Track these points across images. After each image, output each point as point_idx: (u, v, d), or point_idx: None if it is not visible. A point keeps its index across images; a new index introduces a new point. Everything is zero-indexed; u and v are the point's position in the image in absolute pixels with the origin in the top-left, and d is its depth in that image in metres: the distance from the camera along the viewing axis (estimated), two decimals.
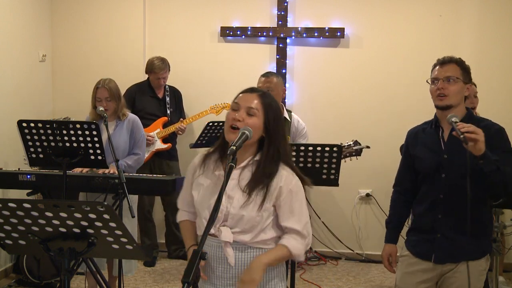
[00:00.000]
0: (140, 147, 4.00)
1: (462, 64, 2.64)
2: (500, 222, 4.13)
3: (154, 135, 5.12)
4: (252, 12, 5.55)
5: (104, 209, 1.88)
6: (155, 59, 5.16)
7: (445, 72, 2.60)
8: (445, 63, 2.63)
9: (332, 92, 5.53)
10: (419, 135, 2.74)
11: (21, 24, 5.14)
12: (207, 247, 2.10)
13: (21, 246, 2.11)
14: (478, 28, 5.31)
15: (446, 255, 2.58)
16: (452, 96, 2.57)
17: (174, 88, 5.39)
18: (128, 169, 3.87)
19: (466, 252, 2.56)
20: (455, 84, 2.58)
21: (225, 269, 2.10)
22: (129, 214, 3.32)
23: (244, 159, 2.11)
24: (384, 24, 5.45)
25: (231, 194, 2.07)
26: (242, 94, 2.14)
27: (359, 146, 4.20)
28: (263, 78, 3.98)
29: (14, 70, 5.02)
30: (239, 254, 2.09)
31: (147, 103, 5.20)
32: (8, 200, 1.91)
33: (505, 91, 5.29)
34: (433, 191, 2.61)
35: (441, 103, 2.59)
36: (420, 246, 2.66)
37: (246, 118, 2.07)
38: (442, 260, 2.59)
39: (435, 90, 2.60)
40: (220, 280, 2.11)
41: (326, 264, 5.37)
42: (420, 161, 2.68)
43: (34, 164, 3.63)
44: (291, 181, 2.10)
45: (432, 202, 2.61)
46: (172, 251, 5.42)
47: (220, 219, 2.07)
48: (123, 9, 5.66)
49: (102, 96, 3.85)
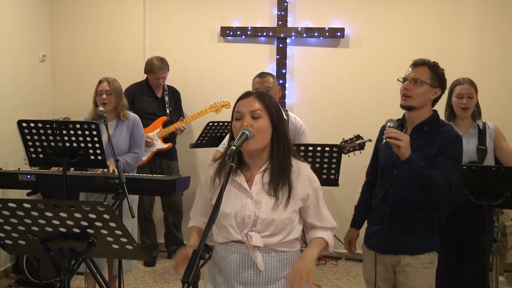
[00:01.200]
0: (139, 146, 4.01)
1: (434, 68, 2.70)
2: (500, 222, 4.13)
3: (154, 135, 5.12)
4: (252, 12, 5.55)
5: (104, 209, 1.88)
6: (154, 59, 5.16)
7: (415, 74, 2.68)
8: (417, 65, 2.71)
9: (332, 92, 5.53)
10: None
11: (21, 24, 5.14)
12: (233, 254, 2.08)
13: (21, 246, 2.11)
14: (478, 28, 5.31)
15: (386, 246, 2.67)
16: (416, 98, 2.66)
17: (173, 87, 5.40)
18: (127, 167, 3.87)
19: (406, 246, 2.65)
20: (420, 87, 2.66)
21: (254, 274, 2.08)
22: (129, 214, 3.32)
23: (263, 163, 2.12)
24: (384, 24, 5.45)
25: (257, 199, 2.07)
26: (240, 101, 2.14)
27: (361, 140, 4.19)
28: (259, 79, 3.95)
29: (14, 70, 5.02)
30: (268, 259, 2.09)
31: (146, 103, 5.20)
32: (8, 200, 1.91)
33: (505, 91, 5.29)
34: (385, 185, 2.69)
35: (404, 103, 2.69)
36: (370, 237, 2.78)
37: (253, 123, 2.07)
38: (384, 250, 2.68)
39: (401, 89, 2.70)
40: (247, 286, 2.08)
41: (326, 264, 5.37)
42: (380, 156, 2.74)
43: (34, 164, 3.63)
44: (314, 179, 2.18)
45: (383, 196, 2.71)
46: (171, 251, 5.42)
47: (248, 225, 2.06)
48: (123, 9, 5.66)
49: (103, 89, 3.88)
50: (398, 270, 2.68)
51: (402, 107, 2.71)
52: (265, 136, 2.08)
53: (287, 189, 2.08)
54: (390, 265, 2.70)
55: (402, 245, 2.65)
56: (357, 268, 5.22)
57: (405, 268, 2.64)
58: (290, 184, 2.09)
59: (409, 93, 2.65)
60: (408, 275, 2.64)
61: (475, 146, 3.51)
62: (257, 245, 2.05)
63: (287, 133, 2.18)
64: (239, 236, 2.06)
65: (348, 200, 5.55)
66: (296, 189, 2.10)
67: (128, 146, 3.95)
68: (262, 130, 2.07)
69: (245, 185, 2.09)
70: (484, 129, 3.56)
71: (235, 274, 2.09)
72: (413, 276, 2.63)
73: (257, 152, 2.10)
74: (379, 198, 2.74)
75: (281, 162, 2.09)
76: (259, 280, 2.08)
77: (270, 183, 2.08)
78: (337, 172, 3.34)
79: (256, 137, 2.05)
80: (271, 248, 2.08)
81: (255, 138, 2.05)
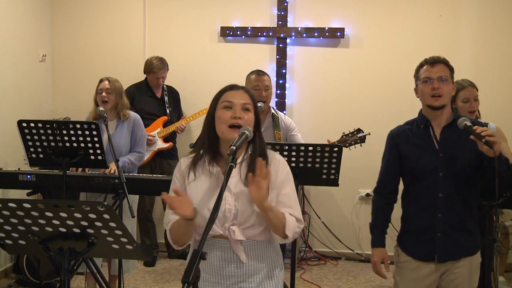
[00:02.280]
0: (141, 146, 4.02)
1: (449, 64, 2.65)
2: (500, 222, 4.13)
3: (155, 135, 5.14)
4: (252, 12, 5.55)
5: (104, 209, 1.88)
6: (153, 59, 5.17)
7: (437, 72, 2.60)
8: (435, 62, 2.63)
9: (332, 92, 5.53)
10: (407, 136, 2.70)
11: (21, 24, 5.14)
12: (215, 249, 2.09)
13: (21, 246, 2.11)
14: (478, 28, 5.31)
15: (448, 254, 2.58)
16: (446, 96, 2.58)
17: (172, 87, 5.40)
18: (131, 166, 3.89)
19: (464, 249, 2.58)
20: (448, 84, 2.59)
21: (237, 267, 2.09)
22: (129, 214, 3.32)
23: (239, 155, 2.12)
24: (384, 24, 5.45)
25: (236, 191, 2.07)
26: (228, 92, 2.15)
27: (362, 133, 4.20)
28: (256, 76, 3.94)
29: (14, 70, 5.02)
30: (250, 250, 2.09)
31: (146, 103, 5.20)
32: (8, 200, 1.91)
33: (505, 91, 5.29)
34: (431, 190, 2.59)
35: (437, 103, 2.57)
36: (419, 248, 2.64)
37: (243, 115, 2.09)
38: (444, 259, 2.59)
39: (430, 89, 2.58)
40: (231, 279, 2.10)
41: (326, 264, 5.37)
42: (413, 161, 2.65)
43: (34, 164, 3.63)
44: (286, 166, 2.17)
45: (430, 201, 2.59)
46: (172, 251, 5.42)
47: (229, 219, 2.06)
48: (123, 9, 5.66)
49: (103, 88, 3.89)
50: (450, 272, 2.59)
51: (433, 107, 2.59)
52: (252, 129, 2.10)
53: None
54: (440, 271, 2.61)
55: (461, 248, 2.57)
56: (357, 268, 5.23)
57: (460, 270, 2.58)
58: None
59: (440, 91, 2.55)
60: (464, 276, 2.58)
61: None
62: (239, 239, 2.06)
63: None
64: (220, 230, 2.07)
65: (348, 200, 5.57)
66: (273, 178, 2.09)
67: (128, 146, 3.95)
68: (251, 123, 2.10)
69: (222, 177, 2.08)
70: None
71: (219, 269, 2.10)
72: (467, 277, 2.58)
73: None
74: (425, 205, 2.60)
75: (260, 153, 2.10)
76: (241, 273, 2.09)
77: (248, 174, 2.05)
78: (337, 172, 3.33)
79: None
80: (253, 239, 2.09)
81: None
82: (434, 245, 2.59)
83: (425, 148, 2.62)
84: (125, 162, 3.83)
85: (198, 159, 2.16)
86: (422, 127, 2.65)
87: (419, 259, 2.64)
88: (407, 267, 2.67)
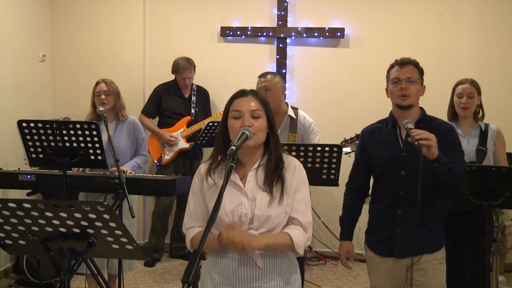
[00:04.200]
0: (145, 148, 4.10)
1: (418, 66, 2.73)
2: (500, 222, 4.13)
3: (177, 135, 5.16)
4: (252, 12, 5.55)
5: (104, 209, 1.88)
6: (180, 59, 5.22)
7: (405, 72, 2.68)
8: (404, 64, 2.71)
9: (332, 92, 5.53)
10: (375, 134, 2.80)
11: (21, 24, 5.14)
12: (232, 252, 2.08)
13: (21, 246, 2.11)
14: (478, 28, 5.31)
15: (406, 250, 2.63)
16: (413, 96, 2.67)
17: (202, 87, 5.42)
18: (138, 170, 3.95)
19: (423, 245, 2.64)
20: (415, 85, 2.67)
21: (254, 271, 2.09)
22: (129, 214, 3.32)
23: (255, 160, 2.13)
24: (384, 24, 5.45)
25: (252, 196, 2.08)
26: (237, 99, 2.14)
27: None
28: (258, 79, 3.96)
29: (14, 70, 5.02)
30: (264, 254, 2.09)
31: (173, 103, 5.25)
32: (8, 200, 1.91)
33: (505, 91, 5.28)
34: (392, 188, 2.67)
35: (404, 102, 2.66)
36: (380, 244, 2.74)
37: (253, 122, 2.08)
38: (403, 254, 2.65)
39: (398, 90, 2.67)
40: (246, 284, 2.09)
41: (326, 264, 5.37)
42: (379, 158, 2.73)
43: (34, 164, 3.63)
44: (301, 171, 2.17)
45: (391, 199, 2.68)
46: (173, 249, 5.41)
47: (245, 223, 2.06)
48: (123, 9, 5.66)
49: (101, 90, 3.91)
50: (415, 269, 2.65)
51: (401, 107, 2.69)
52: (264, 134, 2.12)
53: (280, 185, 2.09)
54: (405, 267, 2.68)
55: (421, 244, 2.62)
56: (357, 268, 5.22)
57: (423, 266, 2.64)
58: (283, 179, 2.10)
59: (407, 92, 2.65)
60: (427, 272, 2.64)
61: (475, 147, 3.50)
62: None
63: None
64: None
65: None
66: (288, 183, 2.11)
67: (128, 147, 3.96)
68: (262, 129, 2.10)
69: (239, 183, 2.10)
70: (486, 130, 3.55)
71: (235, 272, 2.10)
72: (432, 273, 2.65)
73: (253, 150, 2.12)
74: (386, 202, 2.70)
75: (273, 160, 2.11)
76: (258, 276, 2.09)
77: (265, 179, 2.09)
78: (337, 172, 3.33)
79: (256, 135, 2.07)
80: None
81: (256, 136, 2.07)
82: (393, 241, 2.68)
83: (390, 147, 2.70)
84: (134, 166, 3.91)
85: (217, 165, 2.17)
86: (390, 126, 2.74)
87: (380, 255, 2.74)
88: (372, 262, 2.80)
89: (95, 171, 3.76)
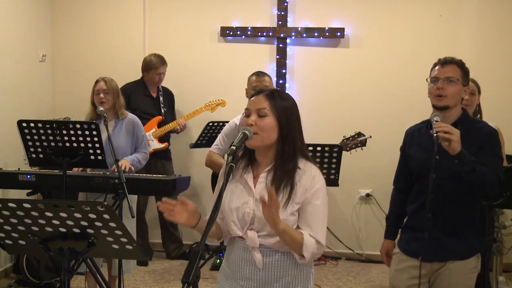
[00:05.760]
0: (145, 146, 4.08)
1: (462, 66, 2.64)
2: (500, 222, 4.13)
3: (149, 135, 5.07)
4: (252, 12, 5.55)
5: (104, 209, 1.88)
6: (152, 56, 5.18)
7: (446, 72, 2.59)
8: (446, 63, 2.62)
9: (332, 92, 5.53)
10: (414, 135, 2.75)
11: (21, 24, 5.13)
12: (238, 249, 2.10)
13: (21, 246, 2.11)
14: (478, 28, 5.31)
15: (433, 254, 2.59)
16: (451, 97, 2.57)
17: (167, 88, 5.39)
18: (138, 165, 3.93)
19: (452, 252, 2.58)
20: (454, 85, 2.57)
21: (253, 271, 2.09)
22: (129, 214, 3.32)
23: (270, 161, 2.11)
24: (384, 24, 5.45)
25: (258, 197, 2.04)
26: (251, 98, 2.14)
27: (363, 137, 4.19)
28: (256, 77, 3.92)
29: (14, 70, 5.02)
30: (267, 258, 2.07)
31: (142, 102, 5.18)
32: (8, 200, 1.92)
33: (505, 91, 5.28)
34: (424, 190, 2.60)
35: (439, 103, 2.58)
36: (409, 244, 2.69)
37: (258, 121, 2.06)
38: (429, 259, 2.59)
39: (435, 89, 2.58)
40: (247, 282, 2.09)
41: (326, 264, 5.37)
42: (414, 160, 2.70)
43: (34, 164, 3.63)
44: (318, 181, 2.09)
45: (423, 201, 2.61)
46: (171, 251, 5.41)
47: (247, 223, 2.07)
48: (123, 9, 5.66)
49: (100, 88, 3.89)
50: (441, 273, 2.59)
51: (436, 107, 2.59)
52: (269, 135, 2.06)
53: (288, 191, 2.04)
54: (430, 271, 2.62)
55: (450, 251, 2.57)
56: (357, 268, 5.23)
57: (451, 273, 2.57)
58: (293, 186, 2.05)
59: (444, 92, 2.55)
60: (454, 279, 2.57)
61: None
62: (252, 245, 2.05)
63: (298, 135, 2.13)
64: (240, 232, 2.08)
65: (348, 200, 5.57)
66: (297, 191, 2.05)
67: (127, 146, 3.96)
68: (266, 128, 2.05)
69: (250, 183, 2.10)
70: None
71: (238, 269, 2.11)
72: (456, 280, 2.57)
73: (264, 150, 2.10)
74: (418, 204, 2.66)
75: (284, 164, 2.07)
76: (258, 277, 2.08)
77: (272, 183, 2.07)
78: (337, 172, 3.34)
79: (259, 135, 2.04)
80: (270, 248, 2.07)
81: (259, 136, 2.04)
82: (421, 243, 2.59)
83: (426, 149, 2.63)
84: (134, 160, 3.88)
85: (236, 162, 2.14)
86: (428, 128, 2.67)
87: (406, 254, 2.69)
88: (396, 259, 2.76)
89: (95, 171, 3.75)
